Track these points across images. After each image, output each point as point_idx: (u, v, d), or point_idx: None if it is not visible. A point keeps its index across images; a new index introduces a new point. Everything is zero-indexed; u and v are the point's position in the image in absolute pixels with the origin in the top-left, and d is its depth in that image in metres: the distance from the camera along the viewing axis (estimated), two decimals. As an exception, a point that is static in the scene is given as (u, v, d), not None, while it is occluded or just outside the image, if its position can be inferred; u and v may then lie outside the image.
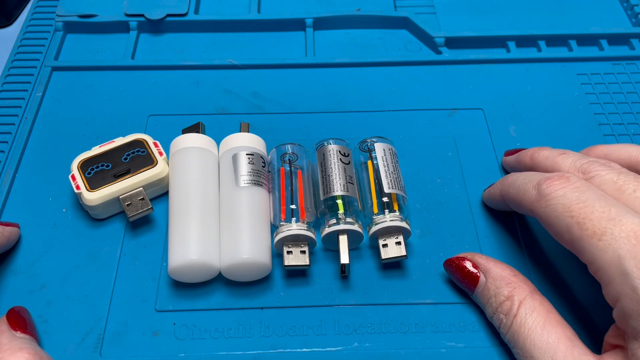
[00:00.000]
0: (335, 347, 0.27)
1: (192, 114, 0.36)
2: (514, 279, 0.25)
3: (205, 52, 0.40)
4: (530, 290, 0.25)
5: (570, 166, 0.26)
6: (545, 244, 0.30)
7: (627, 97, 0.37)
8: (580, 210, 0.22)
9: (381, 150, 0.31)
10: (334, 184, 0.29)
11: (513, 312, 0.24)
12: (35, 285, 0.28)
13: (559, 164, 0.27)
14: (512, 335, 0.24)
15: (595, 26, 0.41)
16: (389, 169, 0.30)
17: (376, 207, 0.29)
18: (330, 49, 0.40)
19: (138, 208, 0.30)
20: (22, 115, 0.36)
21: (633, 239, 0.21)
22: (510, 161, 0.32)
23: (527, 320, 0.24)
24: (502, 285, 0.25)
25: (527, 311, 0.24)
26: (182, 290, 0.28)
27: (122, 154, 0.31)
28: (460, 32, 0.40)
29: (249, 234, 0.27)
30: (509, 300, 0.25)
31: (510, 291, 0.25)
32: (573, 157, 0.27)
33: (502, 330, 0.25)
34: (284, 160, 0.31)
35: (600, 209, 0.22)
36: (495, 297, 0.25)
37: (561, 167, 0.26)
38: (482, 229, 0.31)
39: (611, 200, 0.22)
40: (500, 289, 0.25)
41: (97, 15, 0.41)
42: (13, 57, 0.39)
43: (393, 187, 0.29)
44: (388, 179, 0.29)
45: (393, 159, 0.30)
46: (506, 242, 0.30)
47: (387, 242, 0.28)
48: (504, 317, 0.25)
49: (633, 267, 0.20)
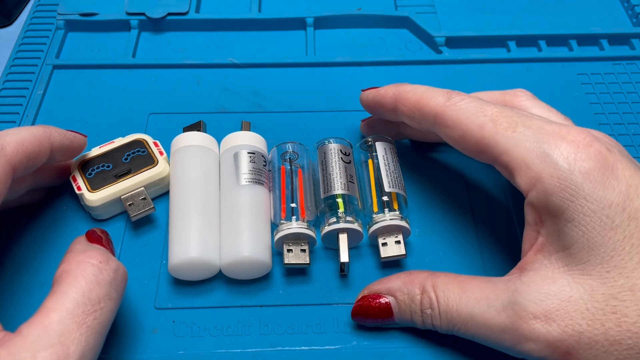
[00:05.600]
0: (334, 345, 0.27)
1: (192, 113, 0.36)
2: (412, 276, 0.26)
3: (206, 51, 0.40)
4: (429, 272, 0.26)
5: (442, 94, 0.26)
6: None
7: (628, 97, 0.37)
8: (493, 111, 0.24)
9: (382, 149, 0.31)
10: (334, 183, 0.29)
11: (434, 299, 0.24)
12: (35, 283, 0.29)
13: (428, 95, 0.27)
14: (446, 318, 0.24)
15: (595, 26, 0.41)
16: (390, 168, 0.30)
17: (376, 206, 0.29)
18: (331, 48, 0.40)
19: (140, 208, 0.30)
20: (23, 113, 0.36)
21: (542, 129, 0.23)
22: (369, 97, 0.31)
23: (448, 295, 0.24)
24: (410, 287, 0.25)
25: (442, 288, 0.24)
26: (181, 288, 0.28)
27: (122, 154, 0.31)
28: (460, 31, 0.40)
29: (249, 232, 0.28)
30: (425, 294, 0.25)
31: (419, 286, 0.25)
32: (441, 90, 0.27)
33: (436, 322, 0.25)
34: (284, 158, 0.31)
35: (510, 111, 0.24)
36: (413, 301, 0.25)
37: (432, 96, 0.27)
38: (481, 228, 0.31)
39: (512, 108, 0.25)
40: (411, 292, 0.25)
41: (98, 13, 0.41)
42: (14, 55, 0.39)
43: (393, 186, 0.29)
44: (389, 178, 0.29)
45: (394, 158, 0.31)
46: (506, 241, 0.30)
47: (386, 240, 0.28)
48: (430, 310, 0.25)
49: (552, 148, 0.22)
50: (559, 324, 0.21)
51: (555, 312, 0.21)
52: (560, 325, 0.21)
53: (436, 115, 0.26)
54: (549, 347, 0.21)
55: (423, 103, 0.27)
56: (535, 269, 0.23)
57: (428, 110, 0.26)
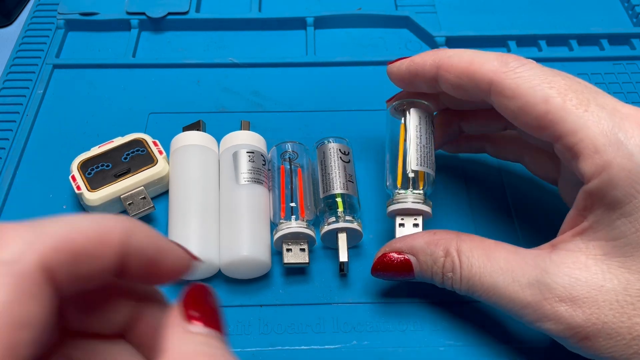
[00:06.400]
0: (334, 344, 0.27)
1: (192, 112, 0.36)
2: (436, 237, 0.25)
3: (206, 51, 0.40)
4: (455, 234, 0.25)
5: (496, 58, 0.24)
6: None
7: (628, 97, 0.37)
8: (560, 82, 0.22)
9: (417, 117, 0.28)
10: (333, 182, 0.29)
11: (457, 264, 0.24)
12: (35, 282, 0.29)
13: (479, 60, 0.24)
14: (468, 283, 0.23)
15: (595, 26, 0.41)
16: (422, 142, 0.27)
17: (400, 182, 0.27)
18: (331, 48, 0.40)
19: (140, 207, 0.30)
20: (23, 112, 0.36)
21: (618, 112, 0.21)
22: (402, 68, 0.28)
23: (472, 262, 0.23)
24: (433, 249, 0.24)
25: (467, 254, 0.23)
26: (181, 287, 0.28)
27: (121, 153, 0.31)
28: (461, 31, 0.40)
29: (248, 232, 0.28)
30: (448, 257, 0.24)
31: (443, 248, 0.24)
32: (493, 53, 0.24)
33: (456, 285, 0.24)
34: (284, 158, 0.31)
35: (578, 84, 0.22)
36: (436, 263, 0.24)
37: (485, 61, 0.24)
38: (481, 226, 0.31)
39: (578, 79, 0.23)
40: (434, 254, 0.24)
41: (98, 13, 0.41)
42: (14, 55, 0.39)
43: (422, 164, 0.27)
44: (418, 154, 0.27)
45: (428, 129, 0.28)
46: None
47: (404, 221, 0.27)
48: (451, 273, 0.24)
49: (628, 137, 0.21)
50: (585, 311, 0.21)
51: (582, 299, 0.21)
52: (586, 312, 0.21)
53: (492, 82, 0.23)
54: (569, 330, 0.21)
55: (474, 69, 0.24)
56: (569, 250, 0.22)
57: (480, 77, 0.24)
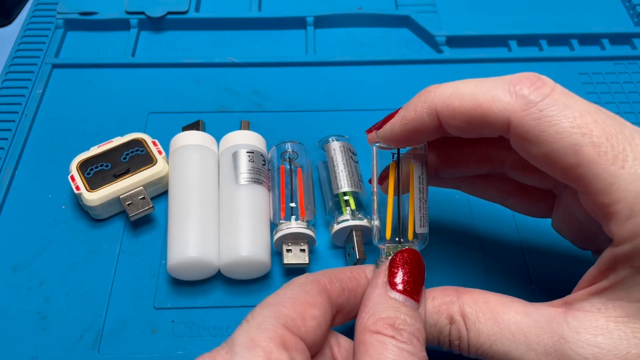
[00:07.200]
0: (334, 345, 0.27)
1: (192, 112, 0.36)
2: (436, 303, 0.22)
3: (206, 50, 0.40)
4: (454, 292, 0.22)
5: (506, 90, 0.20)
6: (544, 243, 0.30)
7: (629, 97, 0.37)
8: (592, 125, 0.18)
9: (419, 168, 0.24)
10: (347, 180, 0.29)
11: (464, 332, 0.21)
12: (34, 282, 0.28)
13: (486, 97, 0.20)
14: (477, 351, 0.21)
15: (596, 25, 0.41)
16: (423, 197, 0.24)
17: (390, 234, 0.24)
18: (331, 48, 0.40)
19: (139, 207, 0.30)
20: (22, 112, 0.36)
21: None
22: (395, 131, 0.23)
23: (480, 328, 0.21)
24: (436, 318, 0.22)
25: (473, 320, 0.21)
26: (180, 288, 0.28)
27: (121, 153, 0.31)
28: (461, 30, 0.40)
29: (248, 232, 0.27)
30: (453, 325, 0.22)
31: (446, 315, 0.22)
32: (499, 82, 0.21)
33: (464, 352, 0.22)
34: (284, 158, 0.31)
35: (613, 125, 0.18)
36: (442, 333, 0.22)
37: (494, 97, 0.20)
38: (481, 227, 0.31)
39: (608, 112, 0.19)
40: (439, 323, 0.22)
41: (97, 12, 0.41)
42: (13, 55, 0.39)
43: (422, 225, 0.24)
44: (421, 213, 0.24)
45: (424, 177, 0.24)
46: (505, 241, 0.30)
47: None
48: (458, 342, 0.22)
49: None
50: None
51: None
52: None
53: (510, 125, 0.20)
54: None
55: (483, 111, 0.20)
56: (586, 311, 0.20)
57: (494, 119, 0.20)
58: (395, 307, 0.20)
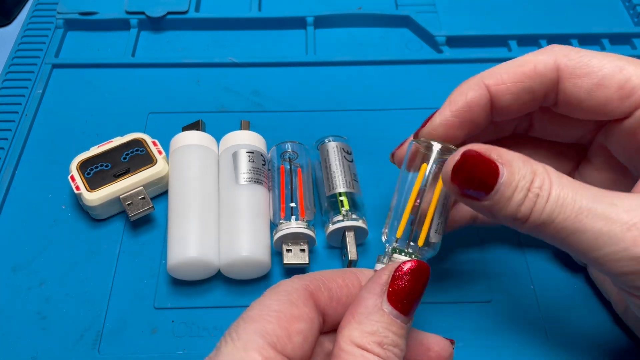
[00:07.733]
0: (334, 345, 0.27)
1: (192, 112, 0.36)
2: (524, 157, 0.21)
3: (206, 50, 0.40)
4: None
5: None
6: (544, 244, 0.30)
7: (629, 97, 0.37)
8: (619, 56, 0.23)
9: None
10: (339, 181, 0.29)
11: (547, 183, 0.20)
12: (34, 282, 0.28)
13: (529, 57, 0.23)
14: (555, 204, 0.20)
15: (597, 26, 0.41)
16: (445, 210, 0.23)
17: (400, 233, 0.23)
18: (331, 48, 0.40)
19: (139, 207, 0.30)
20: (22, 112, 0.36)
21: None
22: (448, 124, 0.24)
23: (563, 182, 0.20)
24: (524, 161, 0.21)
25: (557, 176, 0.20)
26: (180, 288, 0.28)
27: (121, 153, 0.31)
28: (461, 31, 0.40)
29: (248, 232, 0.27)
30: (537, 176, 0.20)
31: (532, 169, 0.20)
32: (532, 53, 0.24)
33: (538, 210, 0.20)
34: (284, 158, 0.31)
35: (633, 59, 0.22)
36: (524, 177, 0.20)
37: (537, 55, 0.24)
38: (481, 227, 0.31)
39: None
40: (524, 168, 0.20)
41: (97, 12, 0.41)
42: (13, 55, 0.39)
43: (438, 233, 0.23)
44: (439, 220, 0.23)
45: None
46: (505, 241, 0.30)
47: None
48: (539, 190, 0.20)
49: None
50: None
51: None
52: None
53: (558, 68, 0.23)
54: None
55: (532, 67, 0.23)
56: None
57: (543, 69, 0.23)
58: (387, 323, 0.19)
